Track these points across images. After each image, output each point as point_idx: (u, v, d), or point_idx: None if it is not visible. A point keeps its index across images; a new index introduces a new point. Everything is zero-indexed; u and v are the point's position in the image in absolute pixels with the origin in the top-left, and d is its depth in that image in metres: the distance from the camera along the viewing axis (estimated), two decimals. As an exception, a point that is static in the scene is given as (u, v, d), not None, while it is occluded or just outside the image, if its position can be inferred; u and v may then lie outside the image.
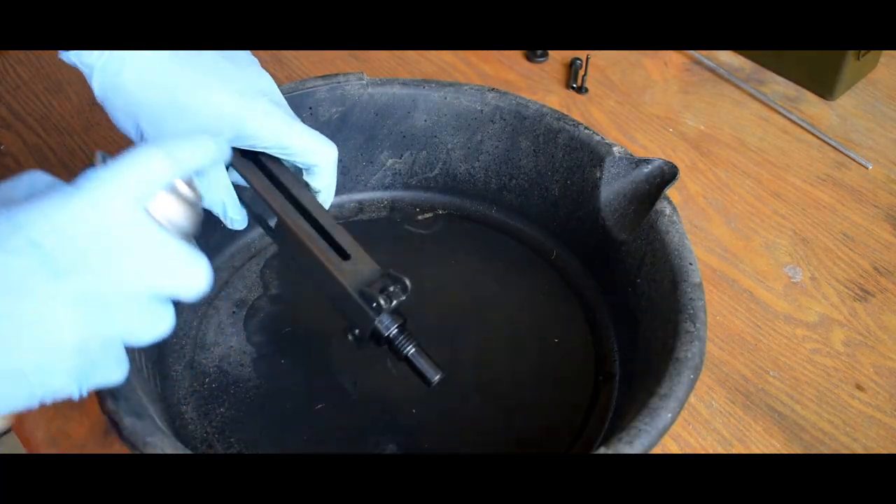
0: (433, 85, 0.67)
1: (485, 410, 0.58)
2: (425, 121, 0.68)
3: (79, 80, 0.84)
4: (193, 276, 0.39)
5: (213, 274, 0.40)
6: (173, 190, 0.40)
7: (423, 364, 0.51)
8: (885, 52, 0.91)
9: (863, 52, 0.84)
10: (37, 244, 0.34)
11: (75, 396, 0.38)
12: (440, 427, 0.57)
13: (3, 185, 0.39)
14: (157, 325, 0.39)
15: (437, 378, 0.51)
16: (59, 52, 0.49)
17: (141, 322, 0.38)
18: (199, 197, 0.42)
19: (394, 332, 0.50)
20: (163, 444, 0.44)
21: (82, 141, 0.78)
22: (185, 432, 0.56)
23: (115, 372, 0.39)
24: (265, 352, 0.61)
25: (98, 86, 0.49)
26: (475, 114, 0.67)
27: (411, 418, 0.57)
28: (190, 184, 0.41)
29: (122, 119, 0.50)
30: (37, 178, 0.39)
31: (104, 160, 0.39)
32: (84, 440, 0.57)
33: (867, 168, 0.80)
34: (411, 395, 0.58)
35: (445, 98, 0.67)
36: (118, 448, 0.57)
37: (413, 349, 0.51)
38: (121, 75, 0.48)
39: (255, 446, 0.56)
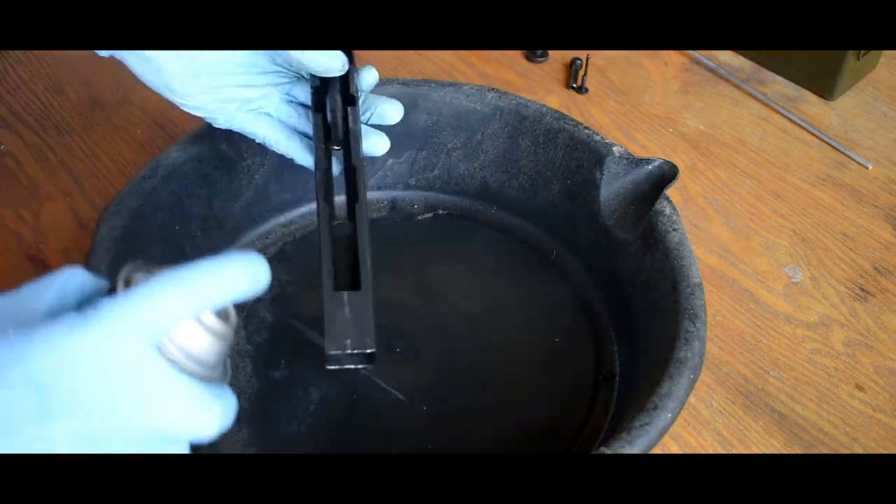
0: (433, 85, 0.67)
1: (485, 410, 0.58)
2: (425, 121, 0.68)
3: (79, 80, 0.84)
4: (205, 421, 0.35)
5: (234, 410, 0.36)
6: (198, 320, 0.35)
7: None
8: (885, 52, 0.91)
9: (863, 52, 0.84)
10: (31, 377, 0.32)
11: None
12: (440, 427, 0.57)
13: (36, 284, 0.36)
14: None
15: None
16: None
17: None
18: (229, 327, 0.37)
19: None
20: (163, 444, 0.44)
21: (82, 141, 0.78)
22: (185, 432, 0.56)
23: None
24: (265, 352, 0.61)
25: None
26: (475, 114, 0.67)
27: (412, 418, 0.57)
28: (220, 314, 0.36)
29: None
30: (71, 279, 0.36)
31: (126, 285, 0.35)
32: (84, 440, 0.57)
33: (867, 168, 0.80)
34: (412, 395, 0.59)
35: (445, 98, 0.67)
36: (118, 448, 0.57)
37: None
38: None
39: (255, 446, 0.56)
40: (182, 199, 0.62)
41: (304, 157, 0.57)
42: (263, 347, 0.61)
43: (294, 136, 0.57)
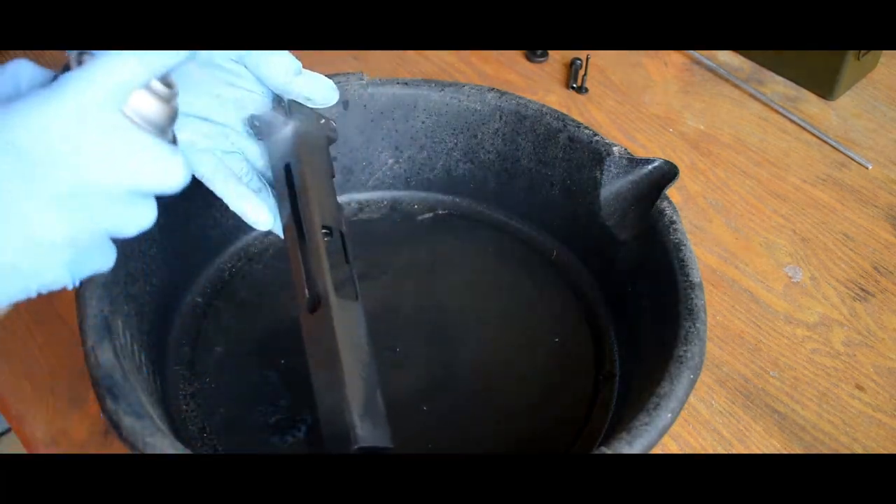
0: (433, 85, 0.67)
1: (485, 410, 0.58)
2: (425, 121, 0.68)
3: (79, 80, 0.84)
4: (168, 170, 0.40)
5: (188, 170, 0.42)
6: (146, 86, 0.40)
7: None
8: (885, 52, 0.91)
9: (863, 52, 0.84)
10: (14, 145, 0.36)
11: (69, 287, 0.39)
12: (440, 427, 0.57)
13: None
14: (140, 218, 0.40)
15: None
16: None
17: (123, 216, 0.39)
18: (173, 93, 0.42)
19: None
20: (163, 444, 0.44)
21: (82, 141, 0.78)
22: (185, 432, 0.56)
23: (105, 260, 0.41)
24: (265, 352, 0.61)
25: None
26: (475, 114, 0.67)
27: (412, 419, 0.57)
28: (164, 80, 0.41)
29: None
30: (21, 68, 0.40)
31: (79, 61, 0.39)
32: (84, 440, 0.57)
33: (867, 168, 0.80)
34: (412, 396, 0.58)
35: (445, 98, 0.67)
36: (118, 448, 0.57)
37: None
38: None
39: (254, 446, 0.56)
40: (180, 200, 0.61)
41: (237, 204, 0.54)
42: (263, 347, 0.61)
43: (231, 180, 0.54)
